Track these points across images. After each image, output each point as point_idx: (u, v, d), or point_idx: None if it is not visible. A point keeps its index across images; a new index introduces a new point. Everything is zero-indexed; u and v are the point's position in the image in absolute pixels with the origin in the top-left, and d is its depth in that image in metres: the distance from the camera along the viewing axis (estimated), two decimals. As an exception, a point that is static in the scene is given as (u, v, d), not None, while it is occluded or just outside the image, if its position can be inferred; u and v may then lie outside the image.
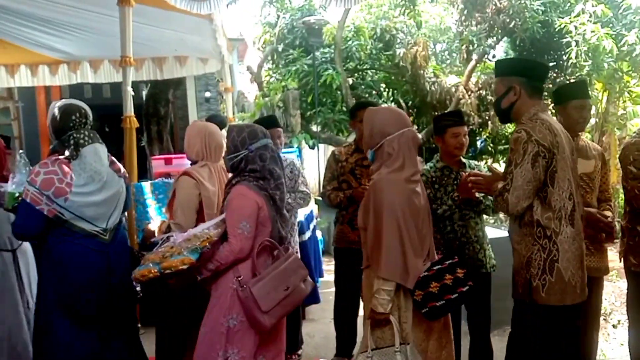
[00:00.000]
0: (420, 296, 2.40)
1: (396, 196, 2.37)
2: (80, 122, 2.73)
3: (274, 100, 8.48)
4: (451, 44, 11.85)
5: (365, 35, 9.24)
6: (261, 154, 2.64)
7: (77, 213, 2.61)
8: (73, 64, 6.41)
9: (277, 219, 2.69)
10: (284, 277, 2.60)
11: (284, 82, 9.05)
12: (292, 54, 9.18)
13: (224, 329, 2.54)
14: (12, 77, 6.50)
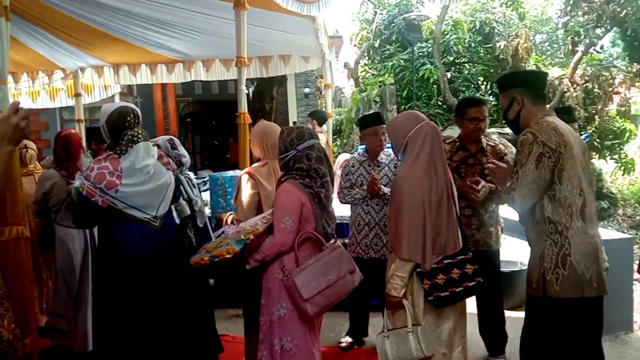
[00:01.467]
0: (427, 285, 2.56)
1: (414, 189, 2.57)
2: (133, 122, 3.01)
3: (371, 95, 8.61)
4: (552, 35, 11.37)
5: (464, 29, 9.14)
6: (308, 153, 2.78)
7: (128, 202, 2.87)
8: (188, 63, 6.88)
9: (322, 216, 2.82)
10: (327, 269, 2.72)
11: (381, 78, 9.15)
12: (388, 50, 9.26)
13: (276, 317, 2.72)
14: (134, 75, 7.09)
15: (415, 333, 2.52)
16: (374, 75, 9.78)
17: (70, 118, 9.27)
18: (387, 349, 2.57)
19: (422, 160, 2.61)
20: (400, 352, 2.54)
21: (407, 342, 2.52)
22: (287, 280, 2.67)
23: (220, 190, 4.18)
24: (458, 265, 2.62)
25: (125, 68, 7.06)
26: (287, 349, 2.71)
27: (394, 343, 2.56)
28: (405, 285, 2.56)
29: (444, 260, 2.60)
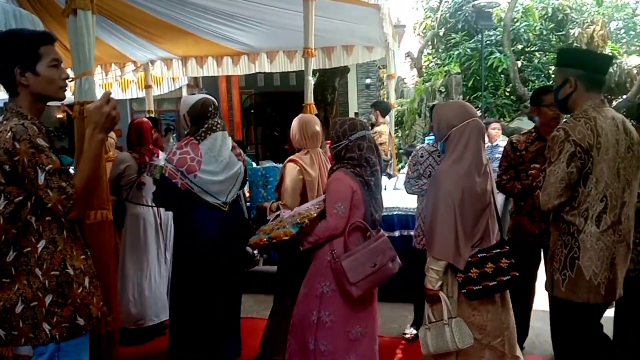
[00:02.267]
0: (460, 278, 2.58)
1: (453, 186, 2.54)
2: (214, 112, 3.32)
3: (435, 85, 8.46)
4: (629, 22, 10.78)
5: (535, 16, 8.80)
6: (359, 143, 2.91)
7: (204, 188, 3.18)
8: (252, 55, 6.99)
9: (371, 203, 2.95)
10: (372, 255, 2.88)
11: (446, 67, 8.97)
12: (454, 38, 9.05)
13: (319, 293, 2.94)
14: (201, 67, 7.27)
15: (450, 325, 2.58)
16: (437, 65, 9.59)
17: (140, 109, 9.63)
18: (427, 340, 2.64)
19: (466, 159, 2.59)
20: (439, 343, 2.60)
21: (444, 334, 2.58)
22: (335, 264, 2.85)
23: (261, 181, 4.40)
24: (493, 260, 2.61)
25: (193, 60, 7.25)
26: (323, 321, 2.92)
27: (434, 335, 2.62)
28: (441, 279, 2.60)
29: (478, 254, 2.60)
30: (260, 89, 11.10)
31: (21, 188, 1.97)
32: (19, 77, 2.05)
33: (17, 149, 1.90)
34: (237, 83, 9.19)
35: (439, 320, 2.61)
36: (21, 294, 2.01)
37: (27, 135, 1.93)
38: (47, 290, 2.02)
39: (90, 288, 2.15)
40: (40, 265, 2.01)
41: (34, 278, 2.01)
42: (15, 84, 2.05)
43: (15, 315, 2.01)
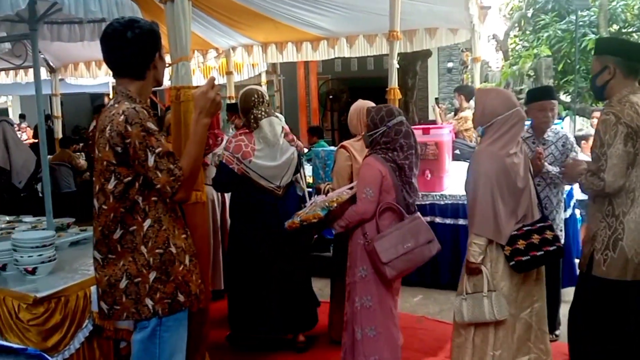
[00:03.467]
0: (508, 251, 2.68)
1: (492, 166, 2.66)
2: (258, 101, 3.52)
3: (523, 68, 8.08)
4: None
5: (633, -6, 8.20)
6: (397, 129, 3.00)
7: (259, 172, 3.45)
8: (332, 40, 6.95)
9: (404, 187, 3.03)
10: (405, 237, 2.95)
11: (535, 50, 8.53)
12: (543, 20, 8.58)
13: (358, 278, 3.04)
14: (281, 53, 7.32)
15: (489, 298, 2.68)
16: (525, 48, 9.15)
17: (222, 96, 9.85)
18: (463, 310, 2.75)
19: (503, 140, 2.71)
20: (475, 314, 2.70)
21: (482, 305, 2.68)
22: (368, 246, 2.95)
23: (321, 163, 4.75)
24: (538, 232, 2.71)
25: (273, 46, 7.30)
26: (366, 307, 3.03)
27: (470, 305, 2.72)
28: (483, 252, 2.70)
29: (523, 227, 2.70)
30: (338, 74, 11.08)
31: (131, 169, 2.05)
32: (155, 61, 2.15)
33: (129, 132, 1.99)
34: (315, 69, 9.22)
35: (476, 292, 2.72)
36: (126, 270, 2.10)
37: (139, 119, 2.00)
38: (151, 267, 2.10)
39: (190, 266, 2.22)
40: (145, 243, 2.09)
41: (139, 255, 2.10)
42: (147, 68, 2.15)
43: (119, 290, 2.11)
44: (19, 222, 3.40)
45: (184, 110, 2.79)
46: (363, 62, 9.99)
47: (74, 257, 2.94)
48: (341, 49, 6.97)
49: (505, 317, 2.70)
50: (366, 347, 3.02)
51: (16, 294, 2.37)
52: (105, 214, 2.09)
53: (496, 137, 2.72)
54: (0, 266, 2.61)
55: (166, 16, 2.74)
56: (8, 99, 12.01)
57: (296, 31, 6.70)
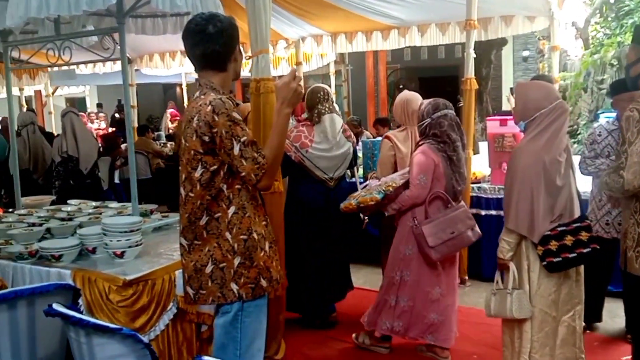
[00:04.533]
0: (541, 251, 2.65)
1: (531, 163, 2.62)
2: (323, 98, 3.82)
3: (605, 57, 7.66)
4: None
5: None
6: (441, 121, 3.24)
7: (314, 162, 3.73)
8: (403, 28, 6.83)
9: (453, 177, 3.27)
10: (451, 223, 3.20)
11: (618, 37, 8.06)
12: (627, 5, 8.08)
13: (402, 255, 3.35)
14: (350, 43, 7.27)
15: (512, 295, 2.69)
16: (607, 35, 8.66)
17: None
18: (491, 304, 2.79)
19: (546, 138, 2.65)
20: (500, 309, 2.74)
21: (505, 301, 2.70)
22: (416, 229, 3.21)
23: (369, 153, 5.05)
24: (572, 233, 2.66)
25: (343, 36, 7.27)
26: (405, 280, 3.34)
27: (497, 300, 2.76)
28: (513, 249, 2.70)
29: (558, 228, 2.65)
30: (407, 63, 10.95)
31: (216, 158, 2.11)
32: (236, 54, 2.22)
33: (216, 122, 2.05)
34: (384, 58, 9.13)
35: (504, 288, 2.75)
36: (211, 256, 2.17)
37: (225, 109, 2.06)
38: (235, 253, 2.16)
39: (270, 252, 2.27)
40: (230, 230, 2.15)
41: (224, 241, 2.16)
42: (229, 60, 2.21)
43: (205, 275, 2.18)
44: (105, 207, 3.57)
45: (264, 101, 2.84)
46: (433, 50, 9.80)
47: (157, 242, 3.07)
48: (412, 38, 6.83)
49: (526, 317, 2.69)
50: (393, 313, 3.37)
51: (107, 276, 2.50)
52: (192, 202, 2.17)
53: (538, 132, 2.67)
54: (90, 249, 2.75)
55: (247, 9, 2.79)
56: (86, 88, 12.67)
57: (366, 20, 6.64)
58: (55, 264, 2.65)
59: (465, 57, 4.21)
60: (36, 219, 3.18)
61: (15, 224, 3.09)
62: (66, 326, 2.03)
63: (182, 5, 2.56)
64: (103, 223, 2.73)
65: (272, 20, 6.42)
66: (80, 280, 2.51)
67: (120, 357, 1.90)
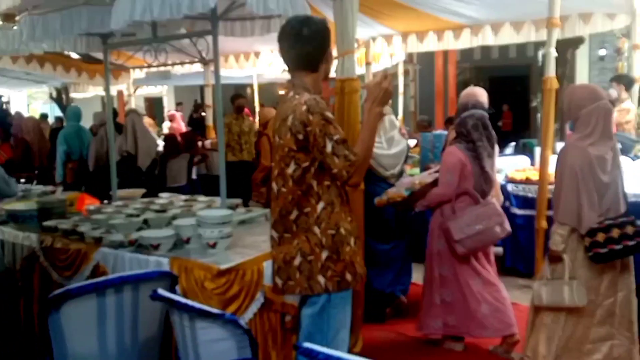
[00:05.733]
0: (588, 242, 2.79)
1: (578, 159, 2.80)
2: None
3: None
4: None
5: None
6: (466, 121, 3.43)
7: (377, 160, 3.89)
8: (475, 28, 6.74)
9: (481, 175, 3.42)
10: (477, 219, 3.35)
11: None
12: None
13: (435, 251, 3.55)
14: (421, 42, 7.25)
15: (570, 285, 2.83)
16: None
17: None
18: (542, 294, 2.93)
19: (592, 136, 2.81)
20: (554, 298, 2.87)
21: (562, 291, 2.84)
22: (443, 224, 3.42)
23: (429, 146, 5.37)
24: (619, 226, 2.78)
25: (413, 36, 7.25)
26: (443, 275, 3.51)
27: (550, 290, 2.89)
28: (565, 242, 2.85)
29: (605, 221, 2.79)
30: (477, 62, 10.79)
31: (308, 155, 2.22)
32: (327, 56, 2.33)
33: (310, 120, 2.15)
34: (454, 57, 9.02)
35: (556, 278, 2.89)
36: (300, 248, 2.27)
37: (319, 109, 2.16)
38: (323, 247, 2.25)
39: (355, 247, 2.35)
40: (318, 224, 2.25)
41: (312, 235, 2.26)
42: (321, 62, 2.32)
43: (293, 267, 2.29)
44: (194, 200, 3.78)
45: (347, 101, 2.93)
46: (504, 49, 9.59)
47: (243, 234, 3.21)
48: (485, 37, 6.72)
49: (584, 304, 2.85)
50: (441, 310, 3.51)
51: (202, 265, 2.66)
52: (284, 196, 2.28)
53: (584, 130, 2.85)
54: (185, 239, 2.93)
55: (334, 11, 2.88)
56: (163, 88, 13.27)
57: (438, 20, 6.61)
58: (153, 252, 2.85)
59: (545, 57, 4.13)
60: (132, 210, 3.41)
61: (114, 215, 3.33)
62: (170, 310, 2.19)
63: (274, 8, 2.68)
64: (198, 215, 2.90)
65: (343, 21, 6.62)
66: (177, 268, 2.68)
67: (221, 341, 2.04)
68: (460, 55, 9.34)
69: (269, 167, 5.58)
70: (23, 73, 9.02)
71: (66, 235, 3.22)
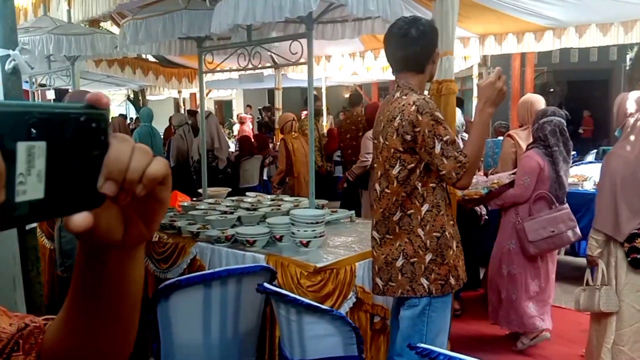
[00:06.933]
0: (627, 248, 2.79)
1: (619, 167, 2.79)
2: None
3: None
4: None
5: None
6: (544, 126, 3.51)
7: None
8: (558, 30, 6.55)
9: (556, 179, 3.51)
10: (551, 222, 3.45)
11: None
12: None
13: (506, 249, 3.65)
14: (500, 45, 7.10)
15: (600, 291, 2.85)
16: None
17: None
18: (580, 299, 2.97)
19: (632, 142, 2.79)
20: (588, 304, 2.91)
21: (593, 297, 2.87)
22: (518, 224, 3.53)
23: (490, 151, 5.42)
24: None
25: (492, 38, 7.12)
26: (512, 274, 3.61)
27: (587, 296, 2.93)
28: (601, 247, 2.87)
29: None
30: (555, 66, 10.41)
31: (414, 156, 2.21)
32: (434, 57, 2.32)
33: (419, 121, 2.14)
34: (532, 60, 8.75)
35: (593, 285, 2.93)
36: (402, 250, 2.27)
37: (429, 109, 2.15)
38: (427, 249, 2.24)
39: (457, 251, 2.33)
40: (423, 226, 2.24)
41: (416, 237, 2.25)
42: (428, 62, 2.31)
43: (395, 268, 2.29)
44: (281, 200, 3.85)
45: (444, 103, 2.90)
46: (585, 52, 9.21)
47: (330, 235, 3.24)
48: (569, 39, 6.52)
49: (613, 311, 2.85)
50: (510, 307, 3.63)
51: (298, 263, 2.70)
52: (388, 197, 2.29)
53: (627, 137, 2.84)
54: (277, 237, 2.99)
55: (434, 12, 2.87)
56: (233, 92, 13.64)
57: (519, 22, 6.45)
58: (248, 248, 2.92)
59: None
60: (225, 208, 3.51)
61: (209, 211, 3.44)
62: (276, 304, 2.24)
63: (374, 9, 2.69)
64: (291, 214, 2.96)
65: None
66: (273, 264, 2.74)
67: (328, 336, 2.06)
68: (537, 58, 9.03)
69: (285, 170, 5.67)
70: (104, 76, 9.47)
71: (163, 229, 3.35)
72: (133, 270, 0.62)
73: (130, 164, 0.49)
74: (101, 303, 0.63)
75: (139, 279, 0.64)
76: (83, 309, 0.65)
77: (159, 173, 0.51)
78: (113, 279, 0.61)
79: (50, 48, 4.22)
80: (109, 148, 0.48)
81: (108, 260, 0.59)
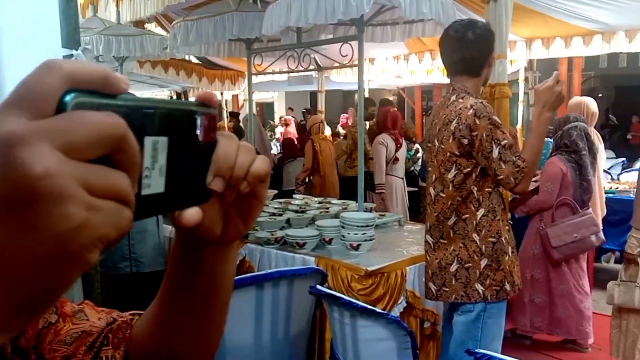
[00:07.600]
0: None
1: None
2: None
3: None
4: None
5: None
6: (571, 132, 3.55)
7: None
8: (608, 34, 6.40)
9: (580, 185, 3.55)
10: (575, 228, 3.50)
11: None
12: None
13: (531, 254, 3.69)
14: (547, 49, 6.97)
15: None
16: None
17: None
18: (614, 293, 2.93)
19: None
20: (625, 299, 2.88)
21: (632, 293, 2.84)
22: (542, 230, 3.58)
23: None
24: None
25: (538, 42, 6.99)
26: (536, 278, 3.68)
27: (622, 291, 2.90)
28: None
29: None
30: (602, 71, 10.14)
31: (471, 160, 2.18)
32: (490, 60, 2.29)
33: (477, 125, 2.12)
34: (579, 65, 8.54)
35: (630, 281, 2.88)
36: (457, 255, 2.24)
37: (487, 113, 2.13)
38: (482, 255, 2.21)
39: (513, 257, 2.28)
40: (478, 231, 2.21)
41: (471, 242, 2.22)
42: (484, 66, 2.29)
43: (449, 273, 2.26)
44: (328, 203, 3.86)
45: (497, 106, 2.86)
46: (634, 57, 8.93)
47: (379, 238, 3.22)
48: (618, 43, 6.35)
49: None
50: (530, 309, 3.69)
51: (349, 266, 2.70)
52: (442, 201, 2.26)
53: None
54: (327, 239, 2.99)
55: (488, 15, 2.83)
56: (275, 94, 13.76)
57: (567, 25, 6.32)
58: (298, 250, 2.93)
59: None
60: (274, 210, 3.53)
61: (257, 213, 3.46)
62: (330, 307, 2.24)
63: (427, 12, 2.67)
64: (341, 217, 2.95)
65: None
66: (323, 266, 2.75)
67: (383, 340, 2.05)
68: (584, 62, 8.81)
69: (310, 168, 5.89)
70: (148, 77, 9.68)
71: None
72: (227, 266, 0.63)
73: (237, 161, 0.50)
74: (195, 298, 0.64)
75: (231, 274, 0.65)
76: (176, 305, 0.67)
77: (262, 171, 0.51)
78: (208, 274, 0.62)
79: (100, 49, 4.32)
80: (217, 145, 0.49)
81: (204, 255, 0.60)
